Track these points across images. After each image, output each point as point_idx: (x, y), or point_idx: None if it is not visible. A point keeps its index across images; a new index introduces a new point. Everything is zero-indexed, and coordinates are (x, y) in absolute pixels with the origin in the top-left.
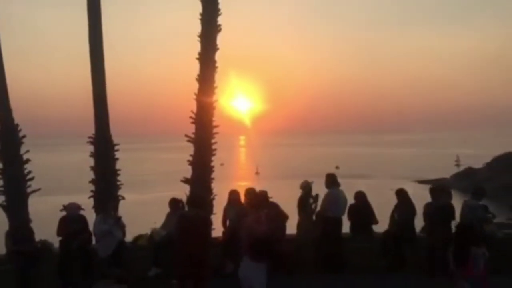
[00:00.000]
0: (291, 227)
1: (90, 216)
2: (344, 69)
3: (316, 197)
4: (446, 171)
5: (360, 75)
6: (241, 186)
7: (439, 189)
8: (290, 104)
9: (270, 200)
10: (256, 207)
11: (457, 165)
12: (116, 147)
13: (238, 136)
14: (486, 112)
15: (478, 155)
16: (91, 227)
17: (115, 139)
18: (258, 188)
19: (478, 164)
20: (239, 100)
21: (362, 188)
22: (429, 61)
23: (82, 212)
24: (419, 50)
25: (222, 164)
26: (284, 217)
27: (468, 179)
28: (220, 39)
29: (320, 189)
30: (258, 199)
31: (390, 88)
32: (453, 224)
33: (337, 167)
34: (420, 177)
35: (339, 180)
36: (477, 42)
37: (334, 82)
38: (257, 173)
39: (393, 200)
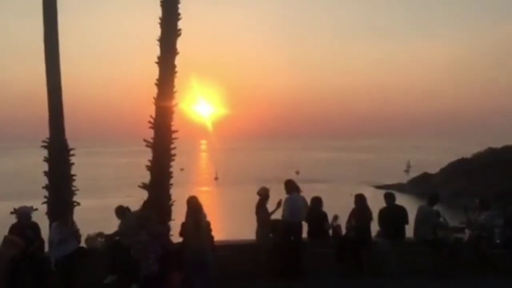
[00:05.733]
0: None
1: (43, 222)
2: (306, 75)
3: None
4: (402, 176)
5: (322, 81)
6: (200, 192)
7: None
8: (252, 109)
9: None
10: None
11: (406, 171)
12: (71, 152)
13: (199, 141)
14: (439, 119)
15: (431, 161)
16: (43, 234)
17: (71, 143)
18: (216, 193)
19: (430, 169)
20: (201, 105)
21: (322, 192)
22: (387, 70)
23: (35, 219)
24: (381, 59)
25: (182, 169)
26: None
27: (424, 184)
28: (182, 43)
29: (279, 195)
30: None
31: (349, 95)
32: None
33: (297, 172)
34: (377, 182)
35: (300, 185)
36: (436, 52)
37: (296, 88)
38: (216, 178)
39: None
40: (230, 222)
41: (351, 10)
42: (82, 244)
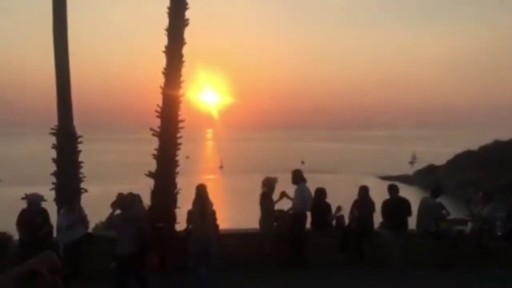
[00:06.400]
0: (253, 223)
1: (51, 208)
2: (314, 65)
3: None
4: (408, 167)
5: (329, 72)
6: (206, 180)
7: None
8: (258, 98)
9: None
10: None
11: (411, 163)
12: (79, 139)
13: (205, 129)
14: (445, 110)
15: (437, 153)
16: (51, 220)
17: (79, 131)
18: (221, 182)
19: (436, 161)
20: (207, 94)
21: (327, 183)
22: (395, 60)
23: (43, 204)
24: (389, 49)
25: (187, 157)
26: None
27: (430, 176)
28: (189, 33)
29: (284, 184)
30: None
31: (356, 85)
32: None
33: (302, 162)
34: (383, 173)
35: (305, 175)
36: (445, 43)
37: (302, 78)
38: (221, 167)
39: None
40: (234, 211)
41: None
42: (90, 230)
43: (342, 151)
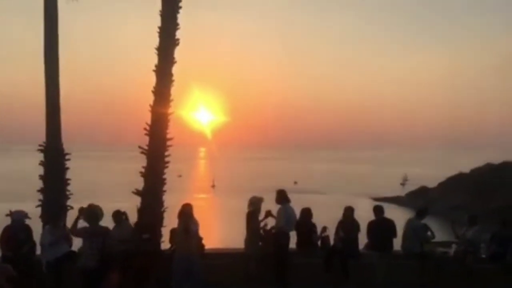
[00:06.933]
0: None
1: (37, 225)
2: (307, 84)
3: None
4: (399, 189)
5: (322, 92)
6: (197, 199)
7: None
8: (253, 117)
9: None
10: None
11: (402, 184)
12: (67, 156)
13: (198, 148)
14: (438, 132)
15: (428, 175)
16: (35, 237)
17: (67, 147)
18: (212, 201)
19: (427, 183)
20: (201, 112)
21: (319, 203)
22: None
23: (28, 221)
24: (381, 69)
25: (179, 176)
26: None
27: (421, 197)
28: (182, 50)
29: (273, 204)
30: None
31: (348, 105)
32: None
33: (295, 182)
34: (375, 194)
35: (298, 195)
36: (435, 63)
37: (295, 97)
38: (213, 186)
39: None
40: (224, 230)
41: (354, 18)
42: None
43: (335, 172)
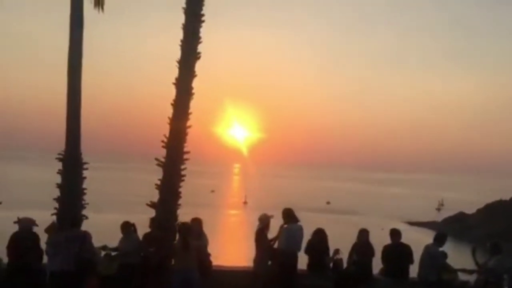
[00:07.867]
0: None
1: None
2: (342, 105)
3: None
4: (434, 214)
5: (358, 112)
6: (229, 215)
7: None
8: (288, 135)
9: None
10: None
11: (438, 209)
12: (85, 166)
13: (233, 164)
14: (477, 156)
15: (465, 200)
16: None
17: (86, 157)
18: (243, 218)
19: (465, 209)
20: (237, 129)
21: (352, 225)
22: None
23: (36, 229)
24: (415, 93)
25: (212, 191)
26: None
27: (458, 223)
28: (218, 67)
29: (304, 223)
30: None
31: (386, 127)
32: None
33: (328, 202)
34: (410, 219)
35: (331, 215)
36: (471, 88)
37: (332, 116)
38: (245, 202)
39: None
40: (252, 248)
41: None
42: None
43: (368, 193)
